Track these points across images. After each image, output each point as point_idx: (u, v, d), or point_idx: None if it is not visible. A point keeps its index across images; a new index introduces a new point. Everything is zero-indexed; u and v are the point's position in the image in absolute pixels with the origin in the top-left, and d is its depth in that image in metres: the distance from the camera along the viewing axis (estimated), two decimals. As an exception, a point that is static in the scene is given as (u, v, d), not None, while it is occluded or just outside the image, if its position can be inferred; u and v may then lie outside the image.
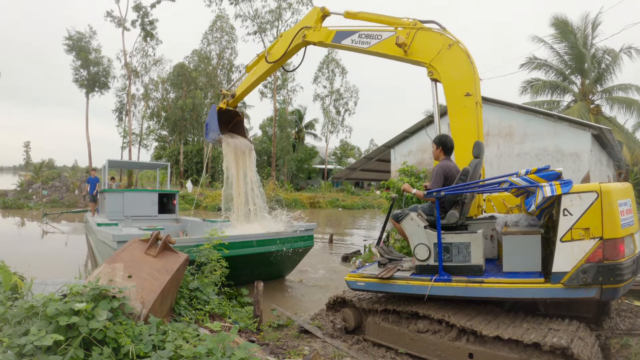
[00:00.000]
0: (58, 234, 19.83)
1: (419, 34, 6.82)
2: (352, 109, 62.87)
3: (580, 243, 4.28)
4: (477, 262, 4.93)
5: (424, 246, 5.22)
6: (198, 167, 61.84)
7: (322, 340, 5.80)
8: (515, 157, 14.45)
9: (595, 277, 4.19)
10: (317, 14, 8.36)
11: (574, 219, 4.30)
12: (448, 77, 6.53)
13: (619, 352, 4.77)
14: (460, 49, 6.44)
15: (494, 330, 4.50)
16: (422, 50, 6.78)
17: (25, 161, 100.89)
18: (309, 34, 8.31)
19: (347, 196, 49.08)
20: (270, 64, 9.04)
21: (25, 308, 3.57)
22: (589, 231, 4.23)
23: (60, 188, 39.34)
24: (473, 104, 6.28)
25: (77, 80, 46.04)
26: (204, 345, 3.52)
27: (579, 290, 4.30)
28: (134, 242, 5.35)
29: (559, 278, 4.36)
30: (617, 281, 4.18)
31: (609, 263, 4.16)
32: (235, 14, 48.37)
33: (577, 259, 4.27)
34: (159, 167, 22.47)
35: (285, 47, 8.69)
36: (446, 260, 5.09)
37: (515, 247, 4.82)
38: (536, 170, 4.67)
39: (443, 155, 5.89)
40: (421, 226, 5.27)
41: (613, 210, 4.20)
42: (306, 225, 10.64)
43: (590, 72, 29.86)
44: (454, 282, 4.96)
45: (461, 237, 5.05)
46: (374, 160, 21.31)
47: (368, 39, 7.44)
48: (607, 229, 4.19)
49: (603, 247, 4.18)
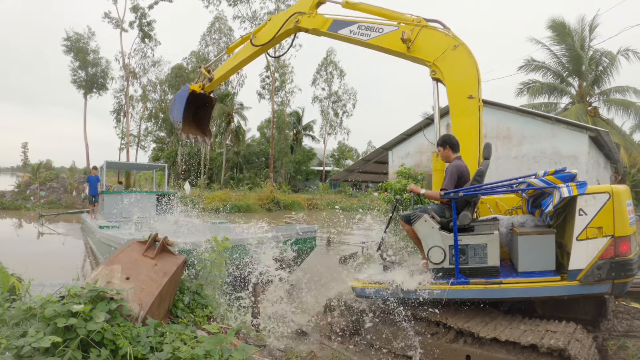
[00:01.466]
0: (55, 235, 19.71)
1: (423, 31, 6.69)
2: (350, 111, 62.98)
3: (594, 241, 4.50)
4: (494, 263, 4.97)
5: (439, 249, 5.15)
6: (196, 168, 61.82)
7: (319, 342, 5.81)
8: (513, 159, 14.49)
9: (609, 272, 4.45)
10: (313, 0, 7.92)
11: (588, 218, 4.51)
12: (452, 78, 6.49)
13: (616, 354, 4.79)
14: (466, 51, 6.40)
15: (492, 332, 4.51)
16: (426, 49, 6.66)
17: (23, 162, 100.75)
18: (302, 19, 7.87)
19: (344, 198, 49.06)
20: (256, 48, 8.47)
21: (23, 309, 3.56)
22: (602, 230, 4.48)
23: (58, 189, 39.22)
24: (476, 106, 6.24)
25: (76, 82, 46.00)
26: (202, 347, 3.52)
27: (594, 286, 4.53)
28: (132, 244, 5.35)
29: (575, 275, 4.56)
30: (627, 276, 4.47)
31: (620, 259, 4.45)
32: (233, 15, 48.37)
33: (592, 257, 4.50)
34: (156, 168, 22.45)
35: (274, 31, 8.18)
36: (462, 262, 5.07)
37: (530, 248, 4.93)
38: (554, 172, 4.83)
39: (452, 153, 5.77)
40: (436, 228, 5.20)
41: (623, 209, 4.47)
42: (308, 228, 10.56)
43: (587, 74, 29.95)
44: (471, 285, 4.96)
45: (477, 239, 5.04)
46: (371, 162, 21.38)
47: (368, 31, 7.19)
48: (618, 228, 4.45)
49: (614, 245, 4.44)
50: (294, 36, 8.58)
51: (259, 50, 8.55)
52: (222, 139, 62.02)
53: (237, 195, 39.69)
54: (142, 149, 65.43)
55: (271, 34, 8.20)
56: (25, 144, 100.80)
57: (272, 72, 50.21)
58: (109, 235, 9.68)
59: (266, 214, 34.59)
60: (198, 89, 9.20)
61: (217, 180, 59.05)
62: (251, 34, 8.53)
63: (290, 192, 47.70)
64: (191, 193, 39.41)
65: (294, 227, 10.32)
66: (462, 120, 6.39)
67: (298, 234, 10.03)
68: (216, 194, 39.82)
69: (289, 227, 10.54)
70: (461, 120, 6.40)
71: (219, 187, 51.88)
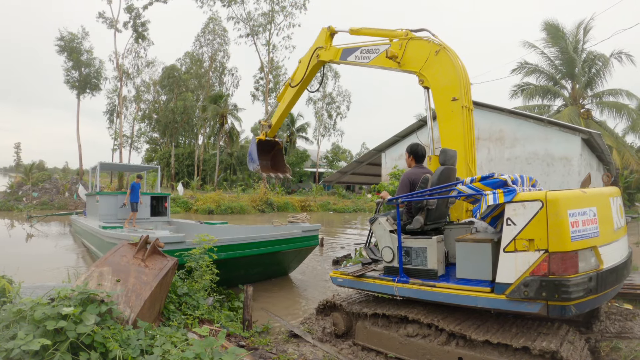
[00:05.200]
0: (44, 236, 19.53)
1: (410, 43, 7.06)
2: (344, 113, 63.11)
3: (524, 254, 4.06)
4: (432, 267, 5.10)
5: (389, 249, 5.47)
6: (189, 169, 61.71)
7: (311, 345, 5.79)
8: (506, 161, 14.54)
9: (538, 291, 3.97)
10: (326, 34, 8.91)
11: (517, 229, 4.11)
12: (436, 83, 6.72)
13: (609, 355, 4.79)
14: (447, 54, 6.60)
15: (484, 334, 4.50)
16: (413, 60, 7.01)
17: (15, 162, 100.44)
18: (321, 53, 8.84)
19: (338, 200, 49.08)
20: (295, 88, 9.46)
21: (13, 312, 3.54)
22: (534, 242, 4.03)
23: (51, 190, 39.03)
24: (459, 108, 6.42)
25: (69, 82, 45.88)
26: (192, 350, 3.50)
27: (522, 304, 4.11)
28: (123, 246, 5.32)
29: (503, 289, 4.21)
30: (564, 298, 3.88)
31: (555, 278, 3.89)
32: (227, 16, 48.27)
33: (521, 271, 4.07)
34: (150, 169, 22.36)
35: (304, 69, 9.19)
36: (407, 263, 5.31)
37: (467, 254, 4.80)
38: (481, 179, 4.61)
39: (414, 163, 6.11)
40: (387, 230, 5.52)
41: (560, 221, 3.91)
42: (312, 226, 11.16)
43: (580, 77, 30.12)
44: (410, 284, 5.16)
45: (419, 242, 5.23)
46: (365, 164, 21.39)
47: (368, 54, 7.79)
48: (553, 241, 3.93)
49: (549, 261, 3.94)
50: (322, 69, 9.58)
51: (299, 89, 9.54)
52: (215, 141, 61.94)
53: (231, 197, 39.67)
54: (135, 150, 65.41)
55: (302, 72, 9.26)
56: (18, 144, 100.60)
57: (266, 74, 50.13)
58: (116, 235, 9.85)
59: (259, 216, 34.59)
60: (263, 137, 10.42)
61: (211, 182, 59.01)
62: (289, 79, 9.67)
63: (283, 194, 47.65)
64: (184, 194, 39.37)
65: (298, 226, 11.06)
66: (448, 124, 6.58)
67: (302, 232, 10.66)
68: (209, 195, 39.75)
69: (294, 225, 11.28)
70: (447, 123, 6.59)
71: (212, 188, 51.82)
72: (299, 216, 12.17)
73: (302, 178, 67.43)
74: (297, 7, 46.12)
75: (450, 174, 5.68)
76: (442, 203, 5.71)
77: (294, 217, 12.18)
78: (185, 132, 61.24)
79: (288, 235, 10.33)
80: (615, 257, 4.39)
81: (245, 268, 9.63)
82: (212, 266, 7.10)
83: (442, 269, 5.26)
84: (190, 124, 59.29)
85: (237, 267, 9.32)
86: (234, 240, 9.09)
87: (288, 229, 11.03)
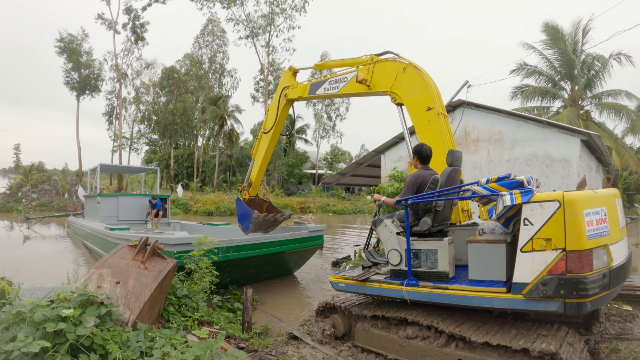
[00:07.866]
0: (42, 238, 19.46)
1: (377, 66, 7.36)
2: (343, 114, 63.07)
3: (541, 254, 4.13)
4: (444, 269, 5.04)
5: (396, 252, 5.38)
6: (189, 171, 61.66)
7: (311, 347, 5.79)
8: (505, 162, 14.53)
9: (556, 290, 4.03)
10: (289, 74, 9.18)
11: (534, 228, 4.17)
12: (409, 97, 6.96)
13: (609, 357, 4.79)
14: (414, 69, 6.90)
15: (483, 336, 4.50)
16: (382, 81, 7.29)
17: (15, 163, 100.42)
18: (289, 92, 8.99)
19: (337, 201, 49.06)
20: (270, 134, 9.48)
21: (13, 314, 3.54)
22: (551, 242, 4.09)
23: (50, 191, 39.01)
24: (435, 115, 6.62)
25: (68, 83, 45.90)
26: (191, 352, 3.50)
27: (540, 303, 4.16)
28: (123, 248, 5.32)
29: (520, 289, 4.25)
30: (581, 295, 3.96)
31: (573, 276, 3.97)
32: (226, 18, 48.27)
33: (539, 270, 4.12)
34: (149, 171, 22.34)
35: (274, 112, 9.33)
36: (415, 265, 5.22)
37: (480, 256, 4.79)
38: (497, 179, 4.63)
39: (419, 164, 6.02)
40: (393, 232, 5.43)
41: (577, 220, 4.00)
42: (317, 226, 11.38)
43: (580, 78, 30.09)
44: (421, 287, 5.08)
45: (429, 244, 5.16)
46: (364, 166, 21.35)
47: (337, 84, 8.03)
48: (571, 240, 4.01)
49: (566, 259, 4.01)
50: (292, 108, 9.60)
51: (273, 134, 9.56)
52: (215, 142, 61.91)
53: (230, 199, 39.64)
54: (134, 152, 65.34)
55: (273, 115, 9.37)
56: (17, 145, 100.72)
57: (266, 75, 50.20)
58: (124, 236, 9.91)
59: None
60: (247, 196, 10.21)
61: (210, 183, 58.95)
62: (261, 128, 9.73)
63: (283, 195, 47.67)
64: (184, 196, 39.36)
65: (305, 226, 11.33)
66: (427, 133, 6.77)
67: (309, 232, 10.90)
68: (209, 197, 39.75)
69: (301, 226, 11.53)
70: (426, 133, 6.78)
71: (212, 190, 51.79)
72: (305, 217, 12.43)
73: (301, 180, 67.42)
74: (297, 10, 46.22)
75: (456, 175, 5.68)
76: (447, 205, 5.70)
77: (300, 218, 12.42)
78: (184, 133, 61.16)
79: (296, 235, 10.46)
80: (621, 255, 4.49)
81: (256, 267, 9.82)
82: (212, 268, 7.09)
83: (453, 271, 5.21)
84: (189, 125, 59.25)
85: (249, 266, 9.53)
86: (247, 240, 9.22)
87: (296, 229, 11.21)
